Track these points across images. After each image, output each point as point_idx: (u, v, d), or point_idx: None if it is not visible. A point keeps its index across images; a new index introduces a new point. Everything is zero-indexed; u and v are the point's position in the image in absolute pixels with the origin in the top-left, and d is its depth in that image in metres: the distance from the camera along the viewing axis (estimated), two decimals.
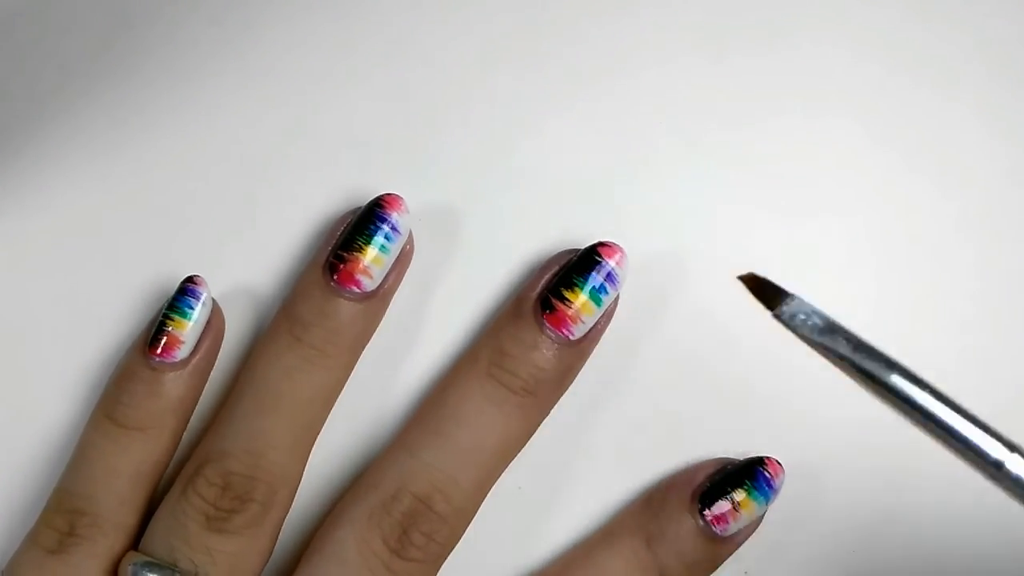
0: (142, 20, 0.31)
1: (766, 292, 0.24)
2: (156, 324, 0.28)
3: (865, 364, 0.21)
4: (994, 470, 0.19)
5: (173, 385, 0.28)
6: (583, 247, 0.28)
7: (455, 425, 0.27)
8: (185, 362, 0.28)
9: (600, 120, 0.30)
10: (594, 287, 0.27)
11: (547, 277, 0.28)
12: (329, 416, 0.28)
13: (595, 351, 0.28)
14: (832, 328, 0.22)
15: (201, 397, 0.29)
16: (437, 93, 0.30)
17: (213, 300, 0.28)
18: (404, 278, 0.29)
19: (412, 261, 0.29)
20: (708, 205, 0.30)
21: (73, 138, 0.30)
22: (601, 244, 0.27)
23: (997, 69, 0.30)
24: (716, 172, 0.30)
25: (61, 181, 0.30)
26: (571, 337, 0.27)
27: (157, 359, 0.27)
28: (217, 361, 0.29)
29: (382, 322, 0.29)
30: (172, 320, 0.28)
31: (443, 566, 0.27)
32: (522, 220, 0.30)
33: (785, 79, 0.30)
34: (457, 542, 0.27)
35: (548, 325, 0.27)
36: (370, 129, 0.30)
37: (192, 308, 0.28)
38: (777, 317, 0.23)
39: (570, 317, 0.27)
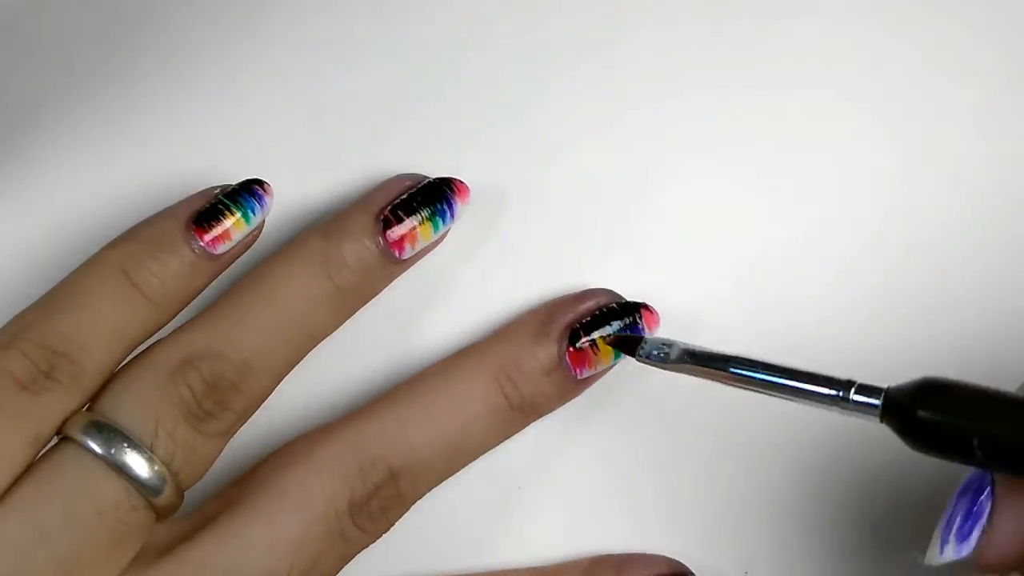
0: (142, 20, 0.31)
1: (628, 344, 0.27)
2: (212, 207, 0.27)
3: (717, 366, 0.24)
4: (840, 402, 0.23)
5: (201, 274, 0.27)
6: (626, 299, 0.28)
7: (449, 417, 0.27)
8: (218, 258, 0.27)
9: (598, 104, 0.30)
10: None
11: (582, 310, 0.28)
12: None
13: None
14: (687, 352, 0.25)
15: None
16: (437, 88, 0.30)
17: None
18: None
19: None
20: (705, 190, 0.30)
21: (73, 138, 0.30)
22: (645, 307, 0.28)
23: (1005, 55, 0.30)
24: (715, 154, 0.30)
25: (61, 181, 0.30)
26: (579, 377, 0.27)
27: (200, 244, 0.26)
28: None
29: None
30: (232, 215, 0.27)
31: (444, 562, 0.27)
32: (519, 200, 0.30)
33: (787, 58, 0.30)
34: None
35: (567, 359, 0.27)
36: (372, 130, 0.30)
37: (255, 213, 0.27)
38: (642, 360, 0.26)
39: (590, 361, 0.27)
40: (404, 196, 0.28)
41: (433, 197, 0.28)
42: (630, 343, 0.26)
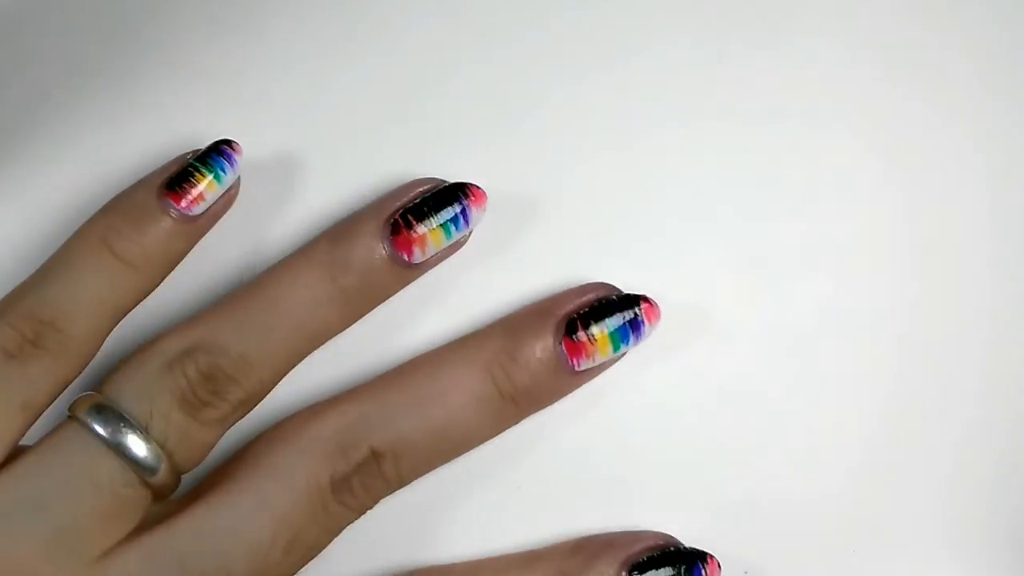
0: (143, 20, 0.31)
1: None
2: (181, 171, 0.28)
3: None
4: None
5: (180, 236, 0.28)
6: (626, 292, 0.28)
7: (435, 403, 0.27)
8: (196, 219, 0.28)
9: (599, 118, 0.31)
10: (622, 335, 0.27)
11: (581, 301, 0.28)
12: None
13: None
14: None
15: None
16: (441, 90, 0.31)
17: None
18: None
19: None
20: (705, 204, 0.30)
21: (73, 138, 0.30)
22: (645, 299, 0.28)
23: (995, 68, 0.31)
24: (713, 170, 0.30)
25: (61, 181, 0.30)
26: (575, 368, 0.27)
27: (175, 208, 0.27)
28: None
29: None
30: (202, 176, 0.28)
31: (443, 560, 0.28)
32: (521, 214, 0.30)
33: (784, 79, 0.31)
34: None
35: (563, 349, 0.27)
36: (372, 130, 0.30)
37: (224, 172, 0.28)
38: None
39: (586, 352, 0.27)
40: (416, 201, 0.28)
41: (445, 202, 0.28)
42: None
